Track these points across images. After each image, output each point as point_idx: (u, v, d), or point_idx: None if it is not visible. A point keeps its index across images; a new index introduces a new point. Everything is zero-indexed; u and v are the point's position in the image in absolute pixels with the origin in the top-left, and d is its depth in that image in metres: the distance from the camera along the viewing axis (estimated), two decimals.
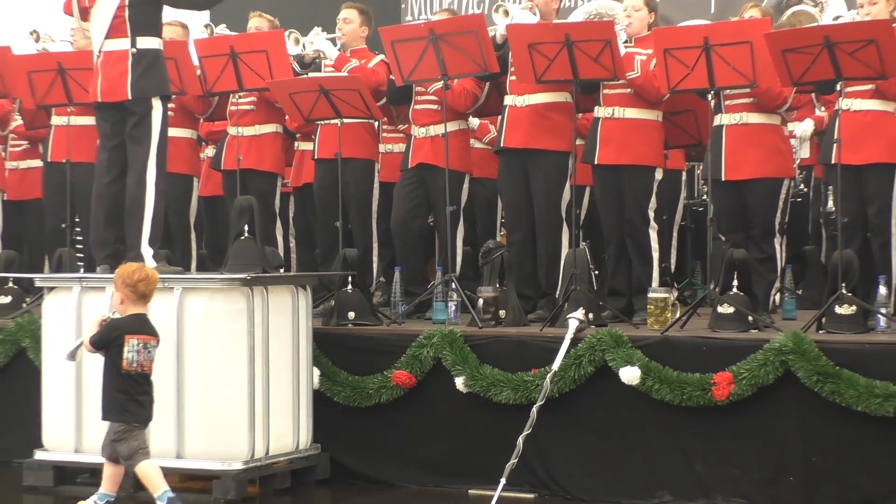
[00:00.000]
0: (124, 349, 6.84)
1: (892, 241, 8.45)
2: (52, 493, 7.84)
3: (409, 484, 7.96)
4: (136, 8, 8.01)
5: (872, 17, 8.27)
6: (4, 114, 10.71)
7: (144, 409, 6.96)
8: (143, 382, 6.96)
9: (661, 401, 7.32)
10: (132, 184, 8.12)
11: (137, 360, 6.89)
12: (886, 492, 6.90)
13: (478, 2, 13.56)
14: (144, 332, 6.96)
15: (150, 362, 6.97)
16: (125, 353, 6.84)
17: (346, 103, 9.05)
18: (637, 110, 8.54)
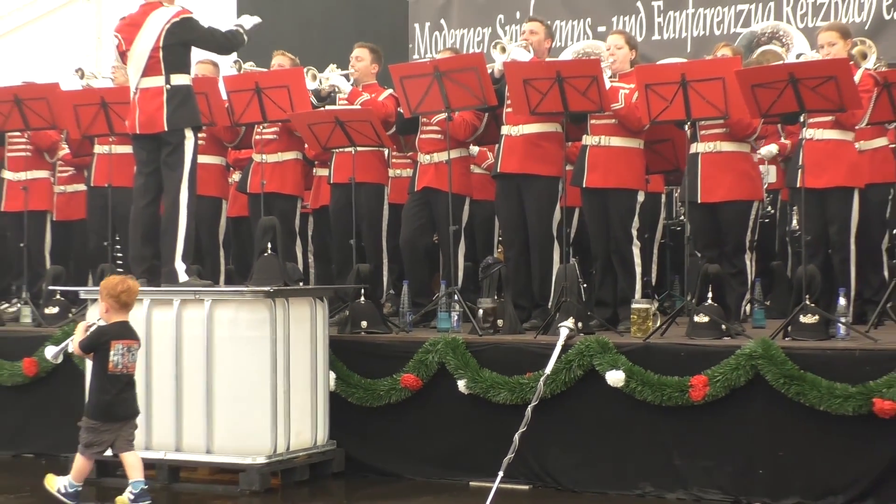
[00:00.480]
0: (110, 353, 7.00)
1: (850, 257, 8.46)
2: (95, 484, 7.81)
3: (415, 476, 7.95)
4: (169, 49, 8.04)
5: (832, 56, 8.27)
6: (53, 143, 10.71)
7: (129, 406, 7.15)
8: (126, 381, 7.12)
9: (643, 401, 7.31)
10: (167, 206, 8.14)
11: (122, 363, 7.07)
12: (846, 483, 6.89)
13: (478, 41, 13.56)
14: (128, 337, 7.15)
15: (133, 364, 7.16)
16: (111, 357, 7.01)
17: (360, 133, 9.05)
18: (621, 139, 8.53)
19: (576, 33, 13.19)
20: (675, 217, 10.25)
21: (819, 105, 7.71)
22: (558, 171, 8.57)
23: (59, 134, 10.55)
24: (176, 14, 8.11)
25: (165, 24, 8.06)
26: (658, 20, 13.01)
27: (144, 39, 8.08)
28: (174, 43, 8.07)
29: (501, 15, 13.66)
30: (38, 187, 10.67)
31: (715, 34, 12.51)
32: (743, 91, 7.78)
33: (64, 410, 8.58)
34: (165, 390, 7.77)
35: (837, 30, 8.65)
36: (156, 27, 8.07)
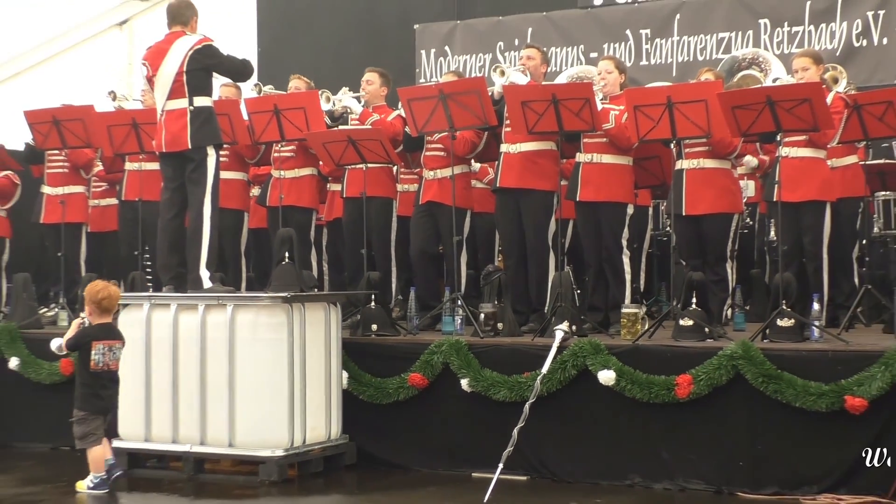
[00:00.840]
0: (92, 352, 7.22)
1: (823, 265, 8.47)
2: (127, 474, 7.81)
3: (422, 468, 7.94)
4: (192, 74, 8.06)
5: (806, 80, 8.29)
6: (88, 161, 10.73)
7: (102, 402, 7.40)
8: (107, 379, 7.38)
9: (632, 398, 7.31)
10: (192, 218, 8.15)
11: (104, 361, 7.31)
12: (819, 473, 6.90)
13: (479, 66, 13.57)
14: (110, 338, 7.38)
15: (115, 361, 7.41)
16: (92, 355, 7.24)
17: (370, 151, 9.05)
18: (612, 156, 8.53)
19: (569, 59, 13.20)
20: (661, 228, 10.24)
21: (794, 125, 7.71)
22: (553, 186, 8.56)
23: (94, 152, 10.57)
24: (198, 42, 8.13)
25: (188, 50, 8.08)
26: (646, 47, 13.02)
27: (169, 65, 8.10)
28: (196, 68, 8.09)
29: (501, 42, 13.67)
30: (75, 201, 10.70)
31: (698, 60, 12.52)
32: (724, 112, 7.78)
33: None
34: (191, 388, 7.77)
35: (811, 56, 8.70)
36: (179, 54, 8.09)
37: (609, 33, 13.18)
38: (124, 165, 10.36)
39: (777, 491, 6.97)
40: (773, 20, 12.41)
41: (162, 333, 7.89)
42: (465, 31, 13.96)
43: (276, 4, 15.10)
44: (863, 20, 12.01)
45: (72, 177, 10.76)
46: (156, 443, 7.91)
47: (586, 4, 13.35)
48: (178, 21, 8.25)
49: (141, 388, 7.93)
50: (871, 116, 8.13)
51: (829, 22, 12.16)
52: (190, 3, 8.40)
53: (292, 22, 14.86)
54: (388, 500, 7.07)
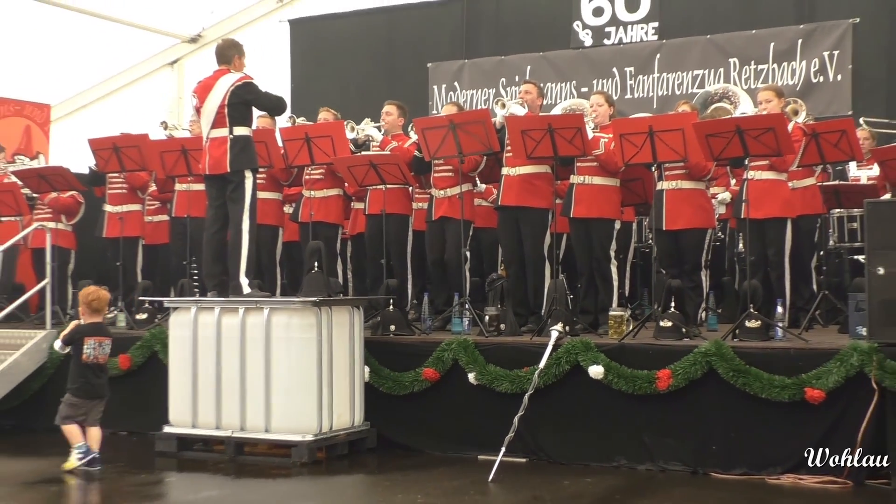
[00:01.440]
0: (84, 347, 7.43)
1: (785, 274, 8.48)
2: (176, 456, 7.84)
3: (434, 451, 7.92)
4: (233, 107, 8.08)
5: (769, 111, 8.30)
6: (144, 183, 10.75)
7: (94, 388, 7.56)
8: (97, 370, 7.58)
9: (618, 390, 7.30)
10: (232, 232, 8.16)
11: (94, 354, 7.51)
12: (783, 456, 6.90)
13: (484, 100, 13.59)
14: (100, 335, 7.60)
15: (104, 356, 7.60)
16: (84, 349, 7.45)
17: (389, 173, 9.07)
18: (601, 178, 8.52)
19: (563, 93, 13.21)
20: (644, 241, 10.22)
21: (760, 151, 7.71)
22: (549, 204, 8.56)
23: (149, 175, 10.60)
24: (239, 79, 8.15)
25: (230, 87, 8.09)
26: (630, 82, 13.03)
27: (214, 98, 8.12)
28: (237, 102, 8.10)
29: (503, 78, 13.69)
30: (132, 218, 10.72)
31: (676, 94, 12.53)
32: (699, 140, 7.78)
33: (149, 398, 8.61)
34: (232, 381, 7.77)
35: (773, 90, 8.71)
36: (223, 89, 8.11)
37: (598, 71, 13.20)
38: (175, 186, 10.38)
39: (745, 472, 6.96)
40: (741, 59, 12.42)
41: (207, 333, 7.90)
42: (472, 69, 13.99)
43: (306, 46, 15.13)
44: (819, 59, 12.02)
45: (129, 196, 10.78)
46: (201, 429, 7.91)
47: (578, 45, 13.36)
48: (223, 60, 8.28)
49: (188, 382, 7.94)
50: (827, 143, 8.14)
51: (791, 61, 12.17)
52: (233, 44, 8.43)
53: (321, 61, 14.91)
54: (404, 479, 7.05)
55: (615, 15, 13.16)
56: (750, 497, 6.40)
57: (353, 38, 14.76)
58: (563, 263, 9.26)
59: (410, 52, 14.38)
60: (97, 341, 7.54)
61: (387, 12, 14.65)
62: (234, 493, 6.80)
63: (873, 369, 6.59)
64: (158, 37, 16.17)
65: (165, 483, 7.24)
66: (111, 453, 8.18)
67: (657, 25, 12.95)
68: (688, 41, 12.73)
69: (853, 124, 8.55)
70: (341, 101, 12.15)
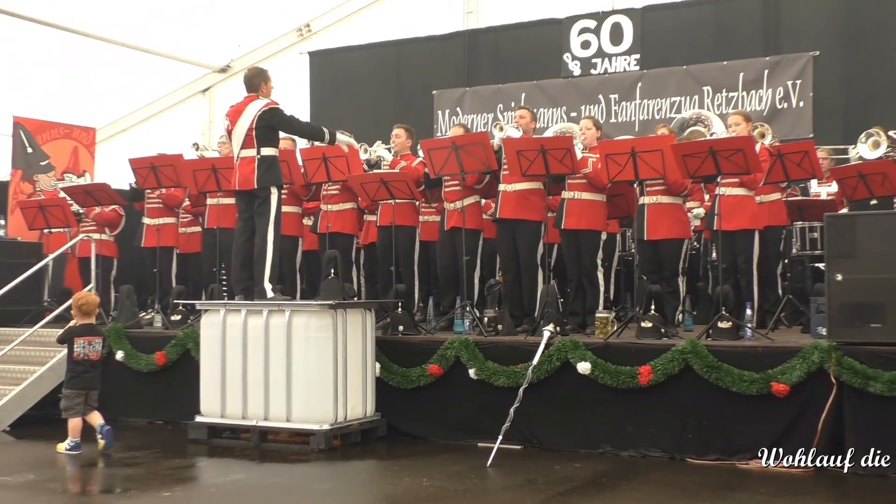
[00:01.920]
0: (75, 345, 7.60)
1: (753, 280, 8.46)
2: (206, 443, 7.83)
3: (438, 439, 7.90)
4: (260, 130, 8.08)
5: (738, 134, 8.32)
6: (178, 202, 10.78)
7: (84, 382, 7.67)
8: (87, 365, 7.73)
9: (604, 385, 7.29)
10: (258, 242, 8.14)
11: (84, 352, 7.67)
12: (751, 444, 6.87)
13: (483, 123, 13.60)
14: (90, 335, 7.77)
15: (95, 353, 7.78)
16: (75, 348, 7.62)
17: (398, 189, 9.08)
18: (589, 193, 8.52)
19: (554, 118, 13.21)
20: (627, 250, 10.21)
21: (731, 169, 7.72)
22: (542, 217, 8.55)
23: (183, 191, 10.61)
24: (266, 105, 8.14)
25: (258, 111, 8.09)
26: (614, 108, 13.04)
27: (243, 122, 8.12)
28: (264, 125, 8.10)
29: (500, 104, 13.70)
30: (167, 229, 10.75)
31: (655, 118, 12.52)
32: (676, 159, 7.79)
33: (183, 391, 8.61)
34: (257, 376, 7.76)
35: (742, 115, 8.74)
36: (251, 114, 8.11)
37: (585, 97, 13.21)
38: (206, 201, 10.39)
39: (718, 457, 6.93)
40: (713, 88, 12.43)
41: (234, 333, 7.89)
42: (473, 96, 13.99)
43: (324, 75, 15.15)
44: (784, 88, 12.03)
45: (165, 210, 10.81)
46: (229, 419, 7.90)
47: (567, 75, 13.37)
48: (251, 88, 8.28)
49: (218, 376, 7.93)
50: (791, 163, 8.12)
51: (758, 89, 12.17)
52: (259, 73, 8.41)
53: (337, 89, 14.92)
54: (411, 465, 7.04)
55: (601, 47, 13.18)
56: (721, 480, 6.39)
57: (365, 68, 14.78)
58: (555, 270, 9.26)
59: (417, 81, 14.39)
60: (87, 340, 7.73)
61: (396, 45, 14.67)
62: (259, 476, 6.79)
63: (832, 366, 6.58)
64: (192, 67, 16.21)
65: (197, 467, 7.23)
66: (148, 440, 8.21)
67: (638, 57, 12.96)
68: (666, 71, 12.74)
69: (814, 146, 8.54)
70: (355, 124, 12.14)
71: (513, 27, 13.93)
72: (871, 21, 11.34)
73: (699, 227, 9.70)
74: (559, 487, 6.17)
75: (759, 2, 12.41)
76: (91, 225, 11.11)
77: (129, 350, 9.28)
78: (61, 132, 12.83)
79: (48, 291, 10.83)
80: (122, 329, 9.48)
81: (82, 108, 14.02)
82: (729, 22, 12.50)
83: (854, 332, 6.65)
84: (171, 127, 16.21)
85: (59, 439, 7.58)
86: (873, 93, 11.13)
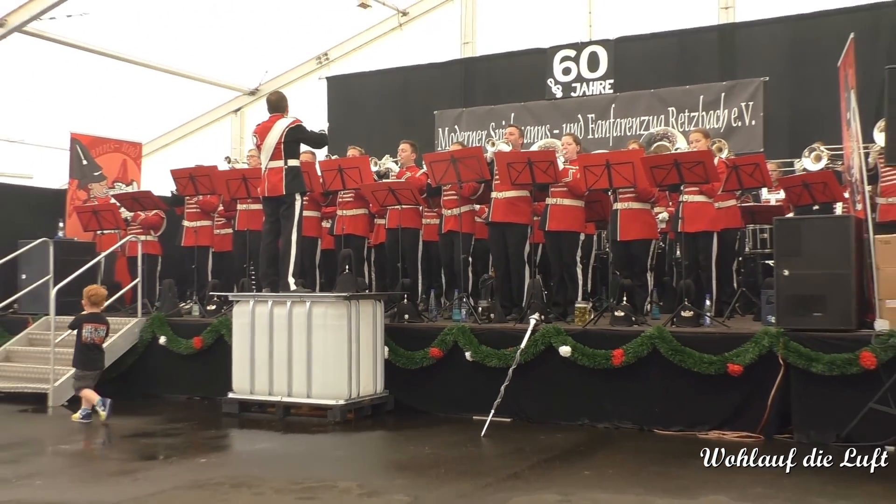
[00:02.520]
0: (83, 331, 7.78)
1: (712, 275, 8.49)
2: (237, 416, 7.83)
3: (439, 413, 7.90)
4: (287, 144, 8.10)
5: (698, 148, 8.33)
6: (213, 207, 10.78)
7: (91, 363, 7.90)
8: (94, 349, 7.94)
9: (582, 366, 7.30)
10: (283, 242, 8.16)
11: (91, 337, 7.84)
12: (710, 417, 6.90)
13: (478, 139, 13.59)
14: (96, 322, 7.95)
15: (100, 338, 7.98)
16: (83, 333, 7.80)
17: (404, 197, 9.09)
18: (570, 200, 8.51)
19: (539, 134, 13.20)
20: (602, 249, 10.21)
21: (693, 179, 7.72)
22: (528, 220, 8.55)
23: (217, 198, 10.61)
24: (291, 122, 8.15)
25: (285, 128, 8.10)
26: (591, 126, 13.03)
27: (272, 137, 8.12)
28: (290, 140, 8.11)
29: (493, 122, 13.69)
30: (204, 231, 10.73)
31: (627, 135, 12.52)
32: (645, 170, 7.79)
33: (217, 371, 8.60)
34: (281, 358, 7.77)
35: (702, 132, 8.74)
36: (279, 130, 8.11)
37: (566, 117, 13.20)
38: (237, 206, 10.38)
39: (681, 429, 6.94)
40: (677, 108, 12.44)
41: (262, 321, 7.90)
42: (469, 115, 13.99)
43: (339, 98, 15.13)
44: (738, 108, 12.04)
45: (202, 214, 10.79)
46: (257, 395, 7.91)
47: (551, 97, 13.36)
48: (278, 108, 8.28)
49: (247, 358, 7.94)
50: (744, 174, 8.15)
51: (716, 109, 12.17)
52: (284, 96, 8.45)
53: (350, 109, 14.91)
54: (415, 434, 7.05)
55: (580, 73, 13.17)
56: (684, 448, 6.39)
57: (376, 91, 14.77)
58: (540, 266, 9.25)
59: (420, 102, 14.38)
60: (93, 327, 7.88)
61: (402, 71, 14.67)
62: (283, 444, 6.80)
63: (780, 349, 6.59)
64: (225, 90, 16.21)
65: (229, 437, 7.23)
66: (187, 414, 8.21)
67: (612, 82, 12.95)
68: (636, 94, 12.73)
69: (764, 159, 8.57)
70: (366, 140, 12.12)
71: (503, 55, 13.92)
72: (813, 51, 11.35)
73: (665, 229, 9.71)
74: (543, 454, 6.17)
75: (716, 34, 12.45)
76: (138, 228, 11.11)
77: (171, 335, 9.28)
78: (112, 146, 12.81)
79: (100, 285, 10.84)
80: (165, 317, 9.47)
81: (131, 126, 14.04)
82: (690, 51, 12.51)
83: (799, 320, 6.66)
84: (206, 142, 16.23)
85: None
86: (815, 113, 11.13)
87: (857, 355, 6.32)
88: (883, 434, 6.18)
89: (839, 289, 6.56)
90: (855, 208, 7.29)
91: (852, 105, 7.17)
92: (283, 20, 13.47)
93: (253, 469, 5.76)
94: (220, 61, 14.86)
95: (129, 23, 12.56)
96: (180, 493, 5.12)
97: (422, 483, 5.31)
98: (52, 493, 5.17)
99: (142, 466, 5.90)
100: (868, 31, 10.78)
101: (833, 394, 6.43)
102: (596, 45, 13.12)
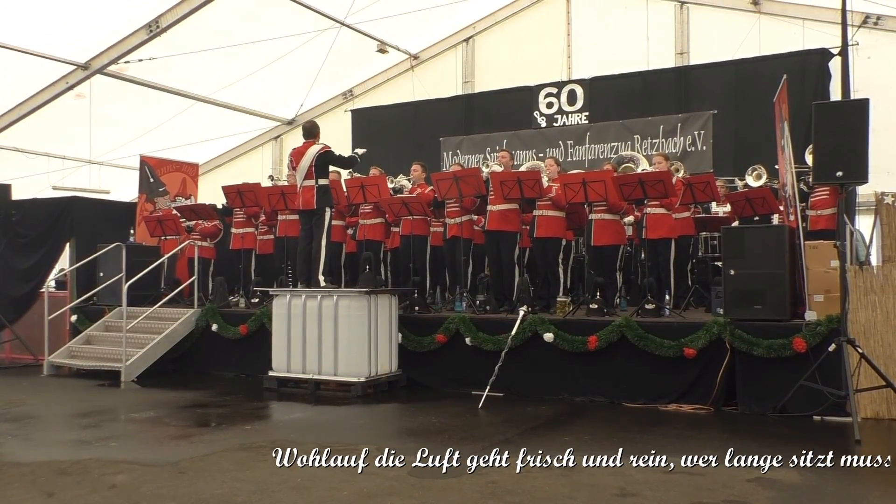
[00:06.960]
0: None
1: (670, 274, 8.46)
2: (276, 391, 7.82)
3: (443, 389, 7.90)
4: (318, 166, 8.12)
5: (659, 169, 8.32)
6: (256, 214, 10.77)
7: None
8: None
9: (563, 349, 7.29)
10: (315, 247, 8.16)
11: None
12: (669, 392, 6.88)
13: (476, 161, 13.57)
14: None
15: None
16: None
17: (415, 209, 9.07)
18: (553, 212, 8.48)
19: (527, 157, 13.17)
20: (580, 253, 10.18)
21: (655, 194, 7.71)
22: (518, 229, 8.54)
23: (260, 210, 10.60)
24: (322, 148, 8.16)
25: (317, 153, 8.11)
26: (570, 150, 13.00)
27: (306, 160, 8.13)
28: (320, 163, 8.12)
29: (488, 147, 13.66)
30: (249, 237, 10.71)
31: (600, 158, 12.49)
32: (615, 187, 7.78)
33: (260, 352, 8.60)
34: (313, 342, 7.77)
35: (663, 155, 8.76)
36: (311, 155, 8.12)
37: (549, 142, 13.18)
38: (278, 217, 10.38)
39: (645, 402, 6.93)
40: (641, 136, 12.40)
41: (297, 311, 7.89)
42: (469, 141, 13.97)
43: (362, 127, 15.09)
44: (692, 136, 12.00)
45: (248, 223, 10.78)
46: (293, 373, 7.89)
47: (536, 126, 13.34)
48: (311, 135, 8.30)
49: (284, 342, 7.93)
50: (698, 190, 8.12)
51: (674, 137, 12.14)
52: (315, 125, 8.47)
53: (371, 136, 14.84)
54: (424, 405, 7.04)
55: (561, 107, 13.16)
56: (647, 418, 6.37)
57: (391, 121, 14.76)
58: (527, 267, 9.25)
59: (428, 131, 14.37)
60: None
61: (414, 105, 14.67)
62: (314, 414, 6.78)
63: (727, 335, 6.58)
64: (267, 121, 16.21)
65: (270, 408, 7.22)
66: (234, 388, 8.20)
67: (588, 114, 12.93)
68: (608, 124, 12.71)
69: (714, 178, 8.54)
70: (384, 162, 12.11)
71: (498, 92, 13.91)
72: (754, 88, 11.38)
73: (631, 236, 9.69)
74: (531, 423, 6.15)
75: (673, 74, 12.43)
76: (197, 236, 11.11)
77: (222, 323, 9.27)
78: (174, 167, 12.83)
79: (164, 281, 10.83)
80: (217, 309, 9.47)
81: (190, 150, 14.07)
82: (652, 88, 12.49)
83: (742, 311, 6.65)
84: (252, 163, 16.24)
85: (171, 388, 7.56)
86: (756, 140, 11.13)
87: (791, 341, 6.32)
88: (811, 406, 6.17)
89: (775, 285, 6.56)
90: (788, 219, 7.27)
91: (786, 133, 7.19)
92: (317, 63, 13.49)
93: (289, 434, 5.76)
94: (264, 96, 14.88)
95: (188, 65, 12.59)
96: (229, 454, 5.13)
97: (429, 446, 5.30)
98: (125, 453, 5.17)
99: (197, 432, 5.90)
100: (798, 73, 10.83)
101: (771, 372, 6.42)
102: (574, 83, 13.12)
